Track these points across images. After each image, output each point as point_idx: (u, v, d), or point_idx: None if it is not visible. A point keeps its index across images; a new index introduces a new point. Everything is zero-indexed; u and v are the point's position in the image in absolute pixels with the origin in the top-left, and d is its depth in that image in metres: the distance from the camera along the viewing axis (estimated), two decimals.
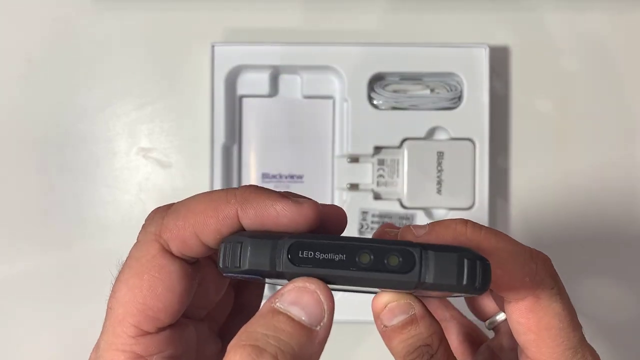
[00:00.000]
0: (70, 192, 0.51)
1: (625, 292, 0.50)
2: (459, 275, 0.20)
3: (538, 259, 0.25)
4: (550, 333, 0.25)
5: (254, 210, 0.23)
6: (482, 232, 0.24)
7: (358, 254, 0.20)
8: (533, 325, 0.25)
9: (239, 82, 0.49)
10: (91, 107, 0.51)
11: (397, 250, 0.20)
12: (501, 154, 0.50)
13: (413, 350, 0.24)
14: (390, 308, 0.24)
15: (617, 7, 0.50)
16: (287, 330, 0.20)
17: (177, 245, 0.23)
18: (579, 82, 0.50)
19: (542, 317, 0.25)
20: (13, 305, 0.51)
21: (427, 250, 0.20)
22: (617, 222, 0.50)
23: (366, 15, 0.51)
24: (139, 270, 0.23)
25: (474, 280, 0.20)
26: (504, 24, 0.50)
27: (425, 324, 0.24)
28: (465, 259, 0.20)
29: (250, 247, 0.20)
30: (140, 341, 0.23)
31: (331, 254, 0.20)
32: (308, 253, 0.20)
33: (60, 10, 0.51)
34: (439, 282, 0.20)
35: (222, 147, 0.47)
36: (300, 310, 0.21)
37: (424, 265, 0.20)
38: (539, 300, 0.25)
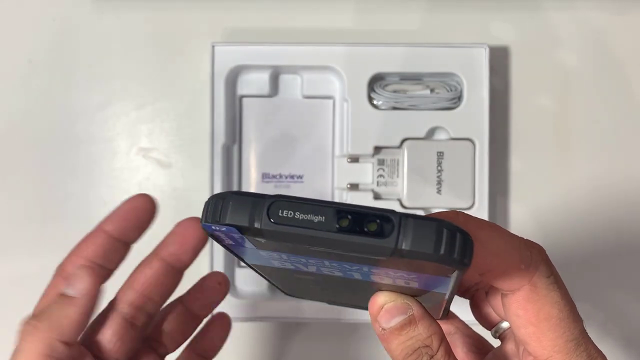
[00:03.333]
0: (70, 192, 0.51)
1: (628, 291, 0.50)
2: (436, 243, 0.19)
3: (533, 248, 0.24)
4: (550, 324, 0.24)
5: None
6: (474, 221, 0.24)
7: (338, 216, 0.20)
8: (532, 316, 0.24)
9: (239, 82, 0.49)
10: (91, 107, 0.51)
11: (377, 215, 0.20)
12: (501, 153, 0.50)
13: (412, 352, 0.24)
14: (387, 309, 0.24)
15: (618, 6, 0.50)
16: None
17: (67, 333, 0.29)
18: (579, 81, 0.50)
19: (541, 306, 0.24)
20: (13, 305, 0.51)
21: (407, 218, 0.20)
22: (620, 220, 0.50)
23: (366, 15, 0.51)
24: None
25: (452, 250, 0.19)
26: (504, 24, 0.50)
27: (424, 325, 0.24)
28: (444, 229, 0.20)
29: (232, 202, 0.21)
30: None
31: (311, 214, 0.20)
32: (288, 212, 0.20)
33: (60, 10, 0.51)
34: (416, 249, 0.19)
35: (222, 147, 0.47)
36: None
37: (402, 232, 0.19)
38: (536, 289, 0.24)
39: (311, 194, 0.49)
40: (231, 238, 0.22)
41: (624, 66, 0.50)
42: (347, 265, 0.22)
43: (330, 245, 0.20)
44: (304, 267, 0.24)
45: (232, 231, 0.21)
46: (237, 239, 0.22)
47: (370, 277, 0.23)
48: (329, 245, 0.20)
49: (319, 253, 0.21)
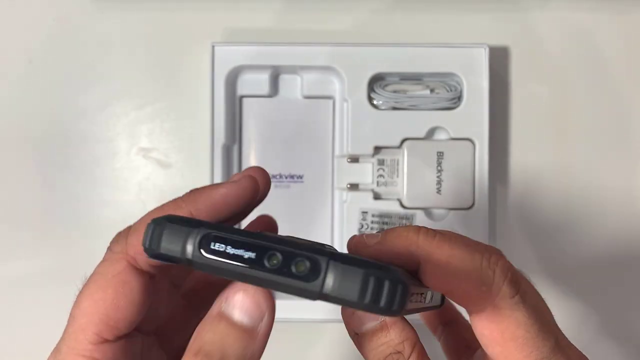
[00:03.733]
0: (70, 192, 0.51)
1: (627, 287, 0.50)
2: (361, 292, 0.19)
3: (496, 266, 0.24)
4: (516, 344, 0.23)
5: (204, 205, 0.25)
6: (434, 240, 0.24)
7: (267, 254, 0.20)
8: (497, 337, 0.24)
9: (239, 82, 0.49)
10: (91, 107, 0.51)
11: (305, 256, 0.19)
12: (501, 153, 0.50)
13: (384, 357, 0.23)
14: (359, 314, 0.24)
15: (617, 7, 0.50)
16: (230, 334, 0.22)
17: (144, 259, 0.25)
18: (579, 81, 0.50)
19: (506, 327, 0.23)
20: (13, 305, 0.51)
21: (335, 261, 0.19)
22: (620, 219, 0.50)
23: (366, 15, 0.51)
24: (103, 284, 0.25)
25: (377, 299, 0.19)
26: (504, 24, 0.50)
27: (396, 331, 0.24)
28: (371, 277, 0.19)
29: (166, 231, 0.21)
30: (99, 348, 0.25)
31: (242, 250, 0.20)
32: (220, 246, 0.20)
33: (60, 10, 0.51)
34: (340, 296, 0.19)
35: (222, 147, 0.47)
36: (241, 314, 0.22)
37: (329, 276, 0.19)
38: (500, 310, 0.23)
39: (311, 194, 0.49)
40: (170, 262, 0.22)
41: (624, 66, 0.50)
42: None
43: (259, 282, 0.20)
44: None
45: (170, 262, 0.21)
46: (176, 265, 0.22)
47: None
48: (258, 283, 0.20)
49: (247, 282, 0.21)
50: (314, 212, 0.49)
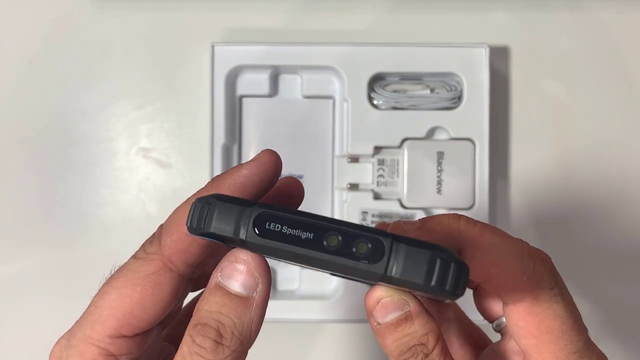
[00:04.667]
0: (70, 192, 0.51)
1: (630, 284, 0.50)
2: (428, 274, 0.18)
3: (537, 257, 0.24)
4: (552, 336, 0.24)
5: (229, 189, 0.24)
6: (476, 227, 0.24)
7: (326, 235, 0.19)
8: (533, 329, 0.24)
9: (239, 82, 0.49)
10: (91, 107, 0.51)
11: (367, 237, 0.19)
12: (501, 153, 0.50)
13: (407, 349, 0.23)
14: (383, 304, 0.23)
15: (617, 6, 0.50)
16: (226, 304, 0.22)
17: (181, 257, 0.24)
18: (579, 81, 0.50)
19: (543, 319, 0.24)
20: (13, 305, 0.51)
21: (399, 243, 0.19)
22: (621, 219, 0.50)
23: (366, 15, 0.51)
24: (134, 281, 0.24)
25: (444, 283, 0.18)
26: (504, 24, 0.50)
27: (420, 322, 0.23)
28: (438, 258, 0.18)
29: (217, 210, 0.20)
30: (115, 342, 0.24)
31: (299, 230, 0.19)
32: (275, 226, 0.19)
33: (60, 10, 0.51)
34: (406, 278, 0.18)
35: (222, 147, 0.47)
36: (236, 282, 0.22)
37: (393, 257, 0.19)
38: (539, 302, 0.23)
39: (311, 194, 0.49)
40: (215, 241, 0.21)
41: (624, 65, 0.50)
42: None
43: (316, 264, 0.19)
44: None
45: (217, 240, 0.20)
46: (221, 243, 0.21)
47: None
48: (315, 264, 0.19)
49: (303, 263, 0.20)
50: (314, 212, 0.49)
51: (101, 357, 0.24)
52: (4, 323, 0.51)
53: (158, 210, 0.50)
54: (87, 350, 0.24)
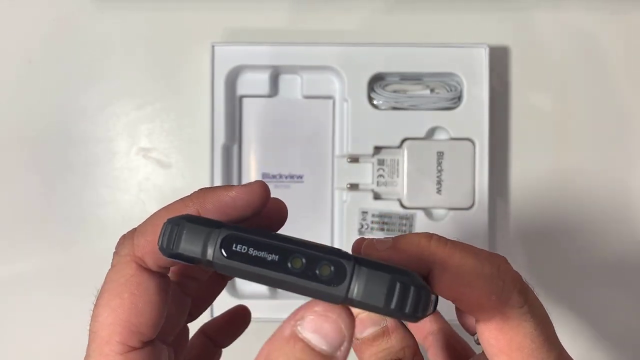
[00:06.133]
0: (70, 192, 0.51)
1: (626, 293, 0.50)
2: (387, 298, 0.19)
3: (506, 276, 0.24)
4: (522, 354, 0.23)
5: (212, 204, 0.24)
6: (446, 248, 0.23)
7: (291, 257, 0.19)
8: (504, 346, 0.24)
9: (239, 82, 0.49)
10: (91, 107, 0.51)
11: (330, 260, 0.19)
12: (501, 153, 0.50)
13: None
14: (360, 319, 0.23)
15: (616, 7, 0.50)
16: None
17: (153, 259, 0.24)
18: (579, 81, 0.50)
19: (513, 337, 0.23)
20: (13, 305, 0.51)
21: (361, 266, 0.19)
22: (617, 221, 0.50)
23: (366, 15, 0.51)
24: (118, 290, 0.24)
25: (403, 306, 0.19)
26: (504, 24, 0.50)
27: (397, 337, 0.23)
28: (397, 282, 0.19)
29: (186, 231, 0.20)
30: (127, 357, 0.24)
31: (265, 252, 0.19)
32: (242, 247, 0.20)
33: (60, 10, 0.51)
34: (366, 301, 0.19)
35: (222, 147, 0.47)
36: (321, 340, 0.20)
37: (354, 280, 0.19)
38: (508, 320, 0.23)
39: (311, 194, 0.49)
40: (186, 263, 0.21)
41: (622, 65, 0.50)
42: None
43: (281, 285, 0.20)
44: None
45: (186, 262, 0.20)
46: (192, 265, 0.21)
47: None
48: (279, 286, 0.20)
49: (269, 285, 0.20)
50: (314, 212, 0.49)
51: None
52: (4, 323, 0.51)
53: None
54: None
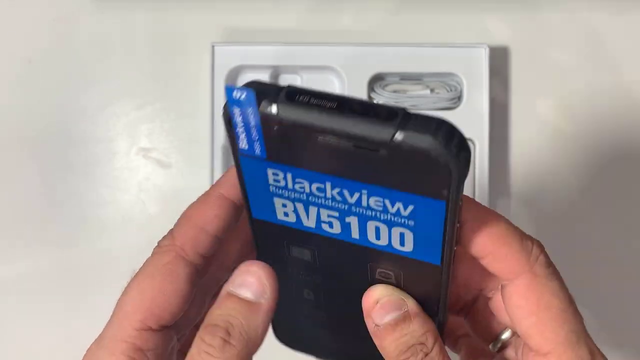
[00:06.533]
0: (70, 192, 0.51)
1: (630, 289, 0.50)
2: (435, 133, 0.20)
3: (533, 240, 0.25)
4: (551, 313, 0.24)
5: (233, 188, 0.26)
6: (480, 205, 0.24)
7: (348, 103, 0.21)
8: (533, 305, 0.24)
9: (239, 82, 0.49)
10: (91, 107, 0.51)
11: (384, 106, 0.21)
12: (501, 153, 0.50)
13: (406, 349, 0.24)
14: (382, 304, 0.24)
15: (617, 6, 0.50)
16: (235, 308, 0.24)
17: (192, 246, 0.26)
18: (579, 81, 0.50)
19: (541, 295, 0.24)
20: (13, 305, 0.51)
21: (411, 113, 0.20)
22: (620, 221, 0.50)
23: (366, 15, 0.51)
24: (152, 273, 0.26)
25: (449, 142, 0.20)
26: (504, 24, 0.50)
27: (419, 322, 0.24)
28: (445, 123, 0.20)
29: (257, 82, 0.22)
30: (142, 335, 0.25)
31: (325, 100, 0.21)
32: (304, 97, 0.21)
33: (60, 10, 0.51)
34: (417, 131, 0.20)
35: (222, 147, 0.47)
36: (245, 290, 0.24)
37: (404, 120, 0.20)
38: (537, 277, 0.24)
39: None
40: (245, 128, 0.22)
41: (623, 65, 0.50)
42: (347, 194, 0.22)
43: (338, 125, 0.20)
44: (305, 220, 0.24)
45: (251, 101, 0.21)
46: (250, 130, 0.22)
47: (367, 240, 0.23)
48: (337, 125, 0.20)
49: (325, 129, 0.21)
50: None
51: (130, 351, 0.25)
52: (3, 323, 0.51)
53: (158, 210, 0.50)
54: (116, 347, 0.25)
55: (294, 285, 0.28)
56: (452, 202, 0.21)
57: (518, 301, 0.24)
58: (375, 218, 0.23)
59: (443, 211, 0.21)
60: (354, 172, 0.22)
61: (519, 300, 0.24)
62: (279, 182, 0.23)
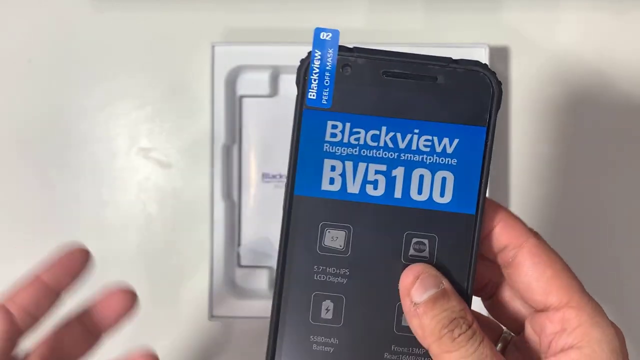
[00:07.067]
0: (71, 192, 0.51)
1: (625, 290, 0.50)
2: (479, 63, 0.26)
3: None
4: (563, 267, 0.26)
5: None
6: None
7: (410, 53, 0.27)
8: (545, 259, 0.26)
9: (239, 82, 0.49)
10: (91, 107, 0.51)
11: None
12: (501, 152, 0.50)
13: (449, 322, 0.24)
14: (422, 280, 0.25)
15: (618, 7, 0.50)
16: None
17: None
18: (579, 82, 0.50)
19: (550, 252, 0.27)
20: None
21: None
22: (619, 219, 0.50)
23: (366, 15, 0.51)
24: None
25: (489, 69, 0.27)
26: (504, 24, 0.50)
27: (456, 298, 0.25)
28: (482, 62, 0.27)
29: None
30: None
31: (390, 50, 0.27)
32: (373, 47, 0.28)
33: (60, 10, 0.51)
34: (466, 63, 0.26)
35: (222, 147, 0.47)
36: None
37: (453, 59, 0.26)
38: (541, 242, 0.27)
39: None
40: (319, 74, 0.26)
41: (624, 65, 0.50)
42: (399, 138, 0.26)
43: (405, 57, 0.26)
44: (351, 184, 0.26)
45: (335, 40, 0.26)
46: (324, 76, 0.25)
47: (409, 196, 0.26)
48: (404, 57, 0.26)
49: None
50: None
51: None
52: None
53: (158, 211, 0.50)
54: None
55: (312, 302, 0.26)
56: (491, 128, 0.26)
57: (532, 259, 0.26)
58: (422, 164, 0.26)
59: (483, 139, 0.26)
60: (411, 110, 0.25)
61: (533, 258, 0.26)
62: (335, 137, 0.26)
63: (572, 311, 0.25)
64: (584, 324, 0.25)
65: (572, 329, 0.25)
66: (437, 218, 0.26)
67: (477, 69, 0.26)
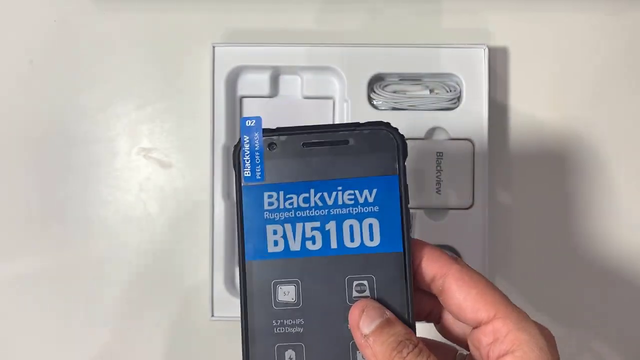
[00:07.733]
0: (70, 192, 0.51)
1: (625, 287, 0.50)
2: (382, 122, 0.30)
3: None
4: (486, 284, 0.29)
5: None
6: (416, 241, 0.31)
7: (323, 125, 0.30)
8: (469, 281, 0.29)
9: (240, 83, 0.49)
10: (92, 107, 0.51)
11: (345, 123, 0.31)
12: (501, 153, 0.50)
13: (396, 344, 0.27)
14: (367, 313, 0.28)
15: (618, 7, 0.50)
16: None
17: None
18: (579, 81, 0.50)
19: (473, 274, 0.29)
20: (13, 305, 0.51)
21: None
22: (619, 219, 0.50)
23: (366, 15, 0.51)
24: None
25: (391, 126, 0.30)
26: (504, 24, 0.51)
27: (401, 325, 0.28)
28: (384, 121, 0.30)
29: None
30: None
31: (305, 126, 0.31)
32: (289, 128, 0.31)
33: (61, 10, 0.51)
34: (371, 125, 0.30)
35: (222, 147, 0.48)
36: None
37: (359, 123, 0.30)
38: (464, 266, 0.30)
39: None
40: (250, 155, 0.29)
41: (622, 65, 0.50)
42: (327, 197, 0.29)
43: (319, 128, 0.30)
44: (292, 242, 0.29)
45: (259, 125, 0.29)
46: (254, 156, 0.29)
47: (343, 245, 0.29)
48: (318, 128, 0.30)
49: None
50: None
51: None
52: (3, 323, 0.51)
53: (159, 210, 0.50)
54: None
55: (276, 354, 0.29)
56: (402, 174, 0.30)
57: (457, 283, 0.29)
58: (349, 215, 0.29)
59: (397, 185, 0.30)
60: (332, 171, 0.29)
61: (457, 282, 0.29)
62: (272, 205, 0.29)
63: (500, 321, 0.28)
64: (512, 331, 0.28)
65: (503, 337, 0.28)
66: (371, 260, 0.29)
67: (381, 128, 0.29)
